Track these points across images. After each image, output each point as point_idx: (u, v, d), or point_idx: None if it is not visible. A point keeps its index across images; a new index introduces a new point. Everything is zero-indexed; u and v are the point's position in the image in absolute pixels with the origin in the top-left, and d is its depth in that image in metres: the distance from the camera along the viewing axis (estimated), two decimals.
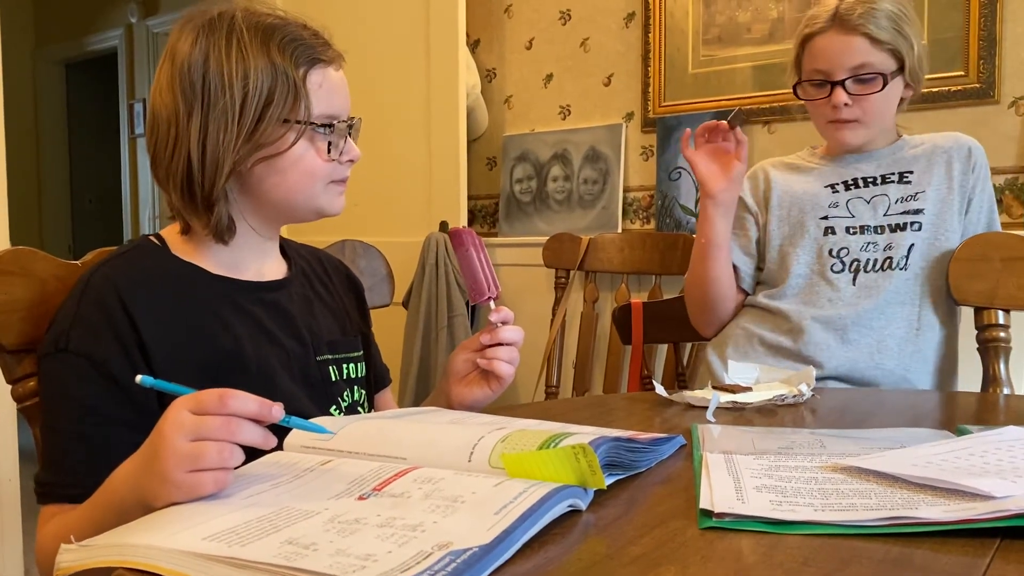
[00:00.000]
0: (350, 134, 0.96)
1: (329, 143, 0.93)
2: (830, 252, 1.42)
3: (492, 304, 1.00)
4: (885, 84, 1.37)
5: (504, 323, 0.99)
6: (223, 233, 0.92)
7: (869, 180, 1.45)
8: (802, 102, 1.47)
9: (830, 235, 1.43)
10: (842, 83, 1.37)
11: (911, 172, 1.43)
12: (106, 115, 5.19)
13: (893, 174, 1.44)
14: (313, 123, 0.91)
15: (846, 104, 1.38)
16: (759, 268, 1.52)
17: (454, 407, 1.02)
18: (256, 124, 0.88)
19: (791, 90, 1.47)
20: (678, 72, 2.35)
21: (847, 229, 1.42)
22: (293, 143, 0.90)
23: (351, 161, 0.97)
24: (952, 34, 1.94)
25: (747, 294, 1.52)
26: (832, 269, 1.42)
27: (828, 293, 1.41)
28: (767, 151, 2.14)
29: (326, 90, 0.93)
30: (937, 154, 1.44)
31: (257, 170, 0.91)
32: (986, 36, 1.90)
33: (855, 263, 1.41)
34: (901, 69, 1.38)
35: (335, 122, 0.94)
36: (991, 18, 1.89)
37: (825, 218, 1.44)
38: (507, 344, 0.99)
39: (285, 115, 0.89)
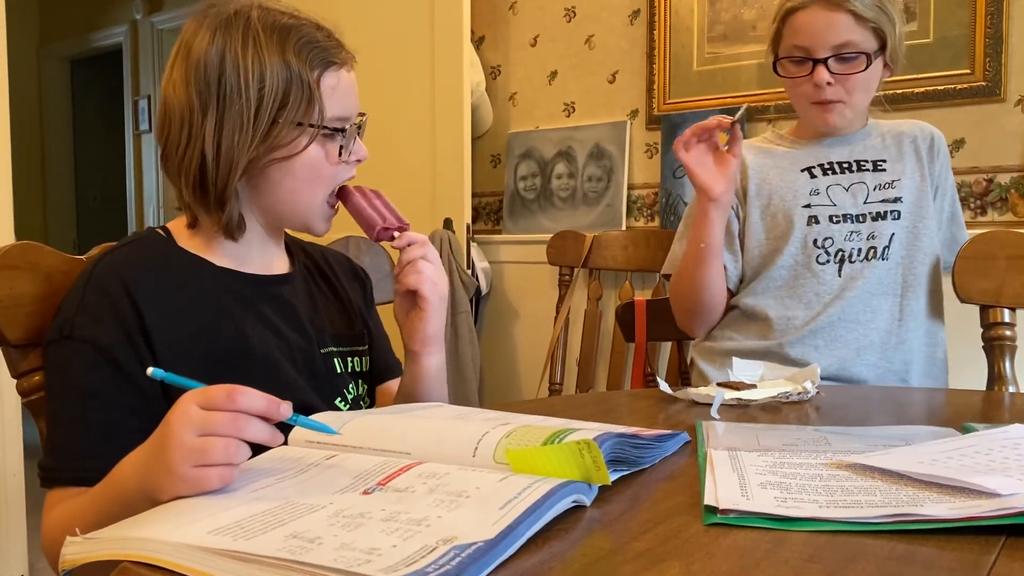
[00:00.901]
0: (359, 133, 0.97)
1: (340, 145, 0.94)
2: (815, 243, 1.40)
3: (396, 235, 0.98)
4: (868, 64, 1.34)
5: (411, 245, 0.97)
6: (233, 230, 0.92)
7: (844, 165, 1.42)
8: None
9: (814, 224, 1.40)
10: (824, 61, 1.34)
11: (884, 160, 1.42)
12: (111, 112, 5.19)
13: (867, 162, 1.42)
14: (326, 126, 0.92)
15: (828, 83, 1.34)
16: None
17: (416, 349, 0.99)
18: (270, 126, 0.89)
19: (771, 67, 1.42)
20: (683, 69, 2.34)
21: (830, 218, 1.40)
22: (306, 146, 0.91)
23: (358, 161, 0.97)
24: (958, 32, 1.94)
25: (733, 293, 1.48)
26: (818, 260, 1.39)
27: (814, 286, 1.39)
28: None
29: (339, 93, 0.93)
30: (905, 142, 1.42)
31: (269, 170, 0.92)
32: (993, 34, 1.89)
33: (840, 253, 1.39)
34: (883, 48, 1.35)
35: (346, 125, 0.94)
36: (998, 16, 1.89)
37: (808, 207, 1.41)
38: (410, 261, 0.97)
39: (299, 118, 0.90)
